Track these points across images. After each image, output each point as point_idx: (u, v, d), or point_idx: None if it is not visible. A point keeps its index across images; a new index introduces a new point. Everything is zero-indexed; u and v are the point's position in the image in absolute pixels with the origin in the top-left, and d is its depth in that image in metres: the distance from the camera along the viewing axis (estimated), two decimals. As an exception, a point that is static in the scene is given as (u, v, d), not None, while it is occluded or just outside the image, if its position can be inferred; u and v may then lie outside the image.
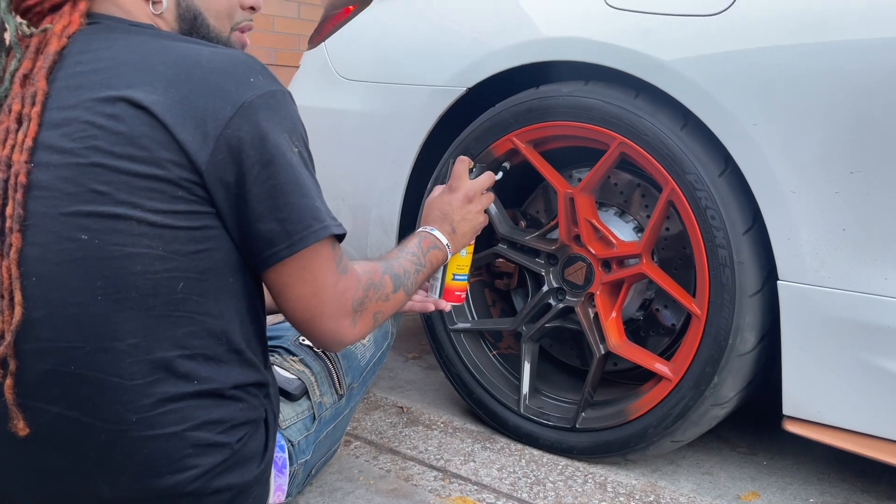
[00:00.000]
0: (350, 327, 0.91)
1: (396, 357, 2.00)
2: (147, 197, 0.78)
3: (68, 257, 0.78)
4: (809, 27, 1.10)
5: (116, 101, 0.79)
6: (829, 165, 1.09)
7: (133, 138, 0.78)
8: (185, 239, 0.80)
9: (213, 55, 0.83)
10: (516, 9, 1.44)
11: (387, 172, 1.62)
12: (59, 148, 0.79)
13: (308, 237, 0.84)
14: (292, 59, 4.77)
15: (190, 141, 0.79)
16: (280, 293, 0.88)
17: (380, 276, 0.97)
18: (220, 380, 0.86)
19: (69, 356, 0.80)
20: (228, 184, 0.81)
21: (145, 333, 0.80)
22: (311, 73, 1.84)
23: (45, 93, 0.82)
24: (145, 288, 0.79)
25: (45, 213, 0.79)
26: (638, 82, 1.26)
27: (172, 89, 0.79)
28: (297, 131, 0.86)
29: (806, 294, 1.13)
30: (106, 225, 0.78)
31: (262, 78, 0.84)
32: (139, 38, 0.86)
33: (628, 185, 1.47)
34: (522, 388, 1.49)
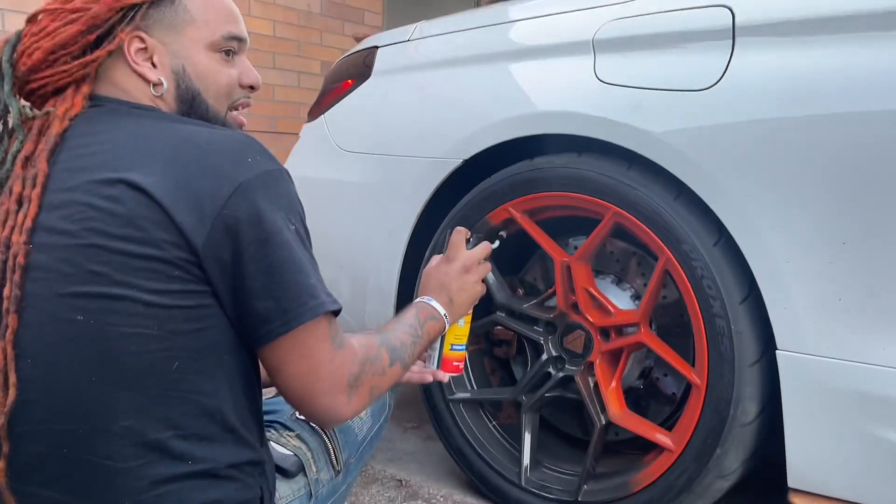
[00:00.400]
0: (346, 403, 0.90)
1: (395, 427, 1.97)
2: (144, 277, 0.78)
3: (63, 338, 0.78)
4: (797, 101, 1.13)
5: (115, 183, 0.80)
6: (821, 236, 1.10)
7: (131, 219, 0.79)
8: (181, 318, 0.80)
9: (212, 136, 0.85)
10: (511, 83, 1.48)
11: (385, 241, 1.63)
12: (58, 229, 0.80)
13: (303, 314, 0.84)
14: (293, 126, 4.86)
15: (187, 222, 0.79)
16: (276, 370, 0.87)
17: (376, 349, 0.96)
18: (214, 459, 0.85)
19: (62, 439, 0.79)
20: (225, 262, 0.81)
21: (139, 414, 0.80)
22: (310, 144, 1.88)
23: (46, 174, 0.83)
24: (140, 368, 0.79)
25: (41, 295, 0.79)
26: (630, 154, 1.29)
27: (171, 171, 0.80)
28: (294, 209, 0.87)
29: (805, 364, 1.13)
30: (102, 305, 0.78)
31: (260, 158, 0.85)
32: (140, 121, 0.87)
33: (624, 254, 1.49)
34: (523, 460, 1.47)
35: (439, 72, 1.62)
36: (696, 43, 1.24)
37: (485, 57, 1.54)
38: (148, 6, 0.90)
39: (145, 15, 0.90)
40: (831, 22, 1.12)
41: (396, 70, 1.72)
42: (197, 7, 0.94)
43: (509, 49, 1.52)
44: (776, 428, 1.21)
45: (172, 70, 0.93)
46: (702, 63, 1.22)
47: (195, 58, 0.94)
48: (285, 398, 0.90)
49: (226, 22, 0.96)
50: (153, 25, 0.91)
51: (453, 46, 1.62)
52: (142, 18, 0.90)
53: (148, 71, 0.91)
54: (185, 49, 0.93)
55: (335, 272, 1.73)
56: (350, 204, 1.72)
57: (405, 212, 1.59)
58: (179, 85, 0.93)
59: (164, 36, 0.92)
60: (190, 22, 0.93)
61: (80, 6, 0.88)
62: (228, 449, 0.86)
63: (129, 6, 0.89)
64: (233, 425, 0.86)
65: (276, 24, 4.85)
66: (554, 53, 1.43)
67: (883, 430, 1.08)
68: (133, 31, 0.90)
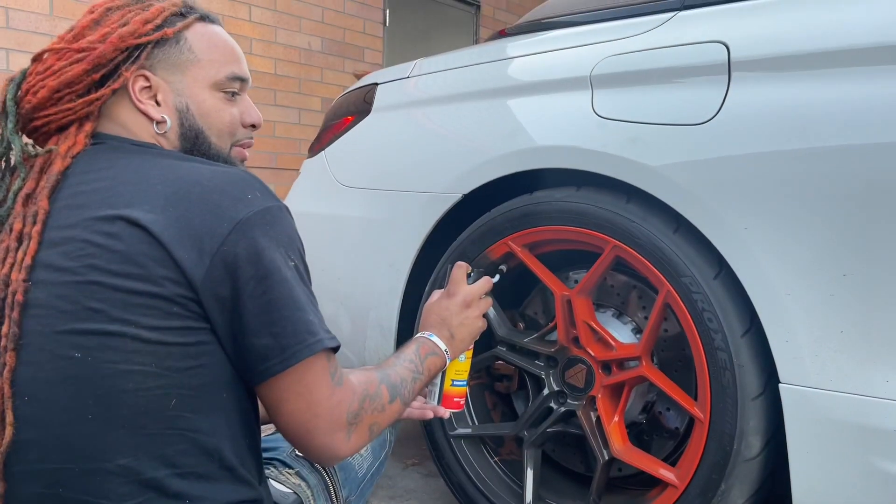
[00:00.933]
0: (345, 441, 0.89)
1: (395, 464, 1.95)
2: (142, 314, 0.78)
3: (60, 376, 0.78)
4: (793, 134, 1.14)
5: (115, 220, 0.80)
6: (821, 268, 1.10)
7: (130, 256, 0.79)
8: (179, 355, 0.80)
9: (213, 174, 0.85)
10: (510, 119, 1.50)
11: (385, 276, 1.63)
12: (58, 266, 0.80)
13: (301, 351, 0.83)
14: (293, 162, 4.90)
15: (186, 258, 0.79)
16: (274, 407, 0.87)
17: (375, 386, 0.96)
18: (212, 498, 0.84)
19: (58, 478, 0.78)
20: (224, 299, 0.81)
21: (136, 452, 0.79)
22: (311, 180, 1.89)
23: (46, 212, 0.83)
24: (137, 406, 0.79)
25: (39, 332, 0.79)
26: (629, 188, 1.30)
27: (171, 208, 0.81)
28: (294, 245, 0.87)
29: (808, 397, 1.12)
30: (99, 342, 0.78)
31: (260, 195, 0.85)
32: (141, 158, 0.88)
33: (625, 287, 1.48)
34: (526, 497, 1.45)
35: (439, 107, 1.64)
36: (692, 78, 1.25)
37: (484, 93, 1.56)
38: (153, 46, 0.92)
39: (150, 54, 0.92)
40: (825, 56, 1.13)
41: (396, 106, 1.74)
42: (201, 47, 0.95)
43: (508, 85, 1.54)
44: (781, 462, 1.20)
45: (176, 108, 0.94)
46: (698, 98, 1.23)
47: (199, 97, 0.95)
48: (284, 436, 0.90)
49: (229, 62, 0.97)
50: (157, 65, 0.92)
51: (452, 82, 1.64)
52: (146, 58, 0.92)
53: (151, 109, 0.92)
54: (189, 88, 0.94)
55: (335, 307, 1.72)
56: (350, 239, 1.73)
57: (405, 246, 1.60)
58: (183, 123, 0.95)
59: (169, 75, 0.93)
60: (194, 62, 0.94)
61: (86, 46, 0.89)
62: (226, 487, 0.85)
63: (134, 46, 0.90)
64: (231, 464, 0.85)
65: (276, 61, 4.92)
66: (552, 89, 1.45)
67: (887, 464, 1.07)
68: (138, 69, 0.91)
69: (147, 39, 0.91)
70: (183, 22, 0.94)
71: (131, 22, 0.91)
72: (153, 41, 0.91)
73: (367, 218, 1.69)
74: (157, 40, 0.92)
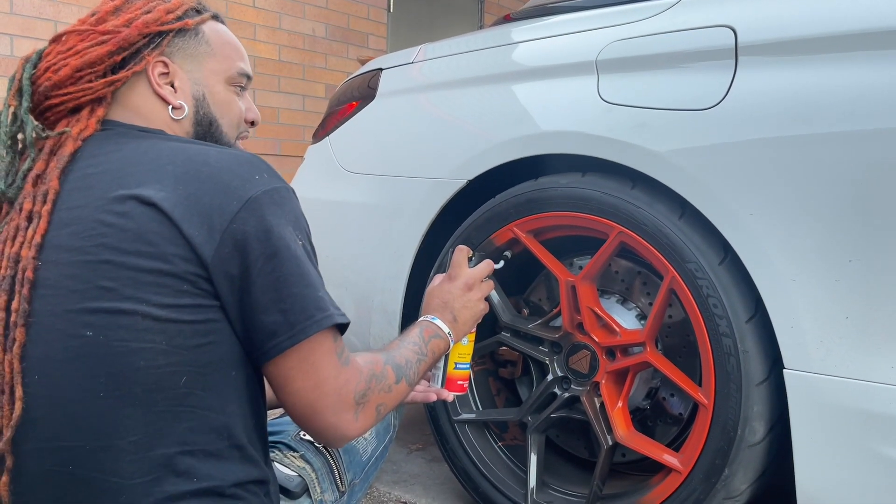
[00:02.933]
0: (352, 421, 0.90)
1: (400, 449, 1.96)
2: (153, 291, 0.79)
3: (72, 354, 0.79)
4: (800, 119, 1.13)
5: (126, 200, 0.82)
6: (827, 254, 1.10)
7: (141, 234, 0.80)
8: (189, 333, 0.81)
9: (221, 154, 0.87)
10: (515, 104, 1.49)
11: (389, 262, 1.64)
12: (68, 247, 0.81)
13: (310, 327, 0.84)
14: (297, 149, 4.90)
15: (196, 235, 0.80)
16: (281, 386, 0.87)
17: (381, 366, 0.96)
18: (220, 477, 0.84)
19: (69, 456, 0.79)
20: (233, 276, 0.82)
21: (146, 430, 0.80)
22: (315, 166, 1.89)
23: (57, 192, 0.85)
24: (148, 383, 0.80)
25: (50, 312, 0.80)
26: (634, 173, 1.29)
27: (181, 186, 0.82)
28: (301, 225, 0.88)
29: (813, 383, 1.12)
30: (110, 321, 0.79)
31: (268, 176, 0.87)
32: (149, 142, 0.90)
33: (629, 273, 1.48)
34: (529, 482, 1.46)
35: (443, 93, 1.64)
36: (699, 63, 1.25)
37: (489, 78, 1.55)
38: (174, 35, 0.96)
39: (170, 42, 0.95)
40: (833, 41, 1.12)
41: (401, 92, 1.73)
42: (216, 42, 1.00)
43: (513, 70, 1.53)
44: (785, 448, 1.20)
45: (193, 96, 0.98)
46: (705, 83, 1.22)
47: (214, 87, 0.99)
48: (290, 415, 0.90)
49: (240, 59, 1.03)
50: (176, 53, 0.96)
51: (457, 68, 1.63)
52: (167, 45, 0.95)
53: (169, 94, 0.96)
54: (206, 78, 0.99)
55: (340, 293, 1.73)
56: (354, 225, 1.73)
57: (410, 232, 1.60)
58: (198, 111, 0.98)
59: (186, 64, 0.97)
60: (210, 54, 0.99)
61: (111, 29, 0.92)
62: (234, 466, 0.86)
63: (157, 33, 0.94)
64: (240, 442, 0.86)
65: (281, 48, 4.91)
66: (557, 74, 1.44)
67: (892, 450, 1.07)
68: (158, 55, 0.94)
69: (169, 28, 0.95)
70: (200, 16, 0.99)
71: (155, 10, 0.94)
72: (175, 30, 0.95)
73: (371, 204, 1.69)
74: (178, 30, 0.96)
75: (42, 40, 3.42)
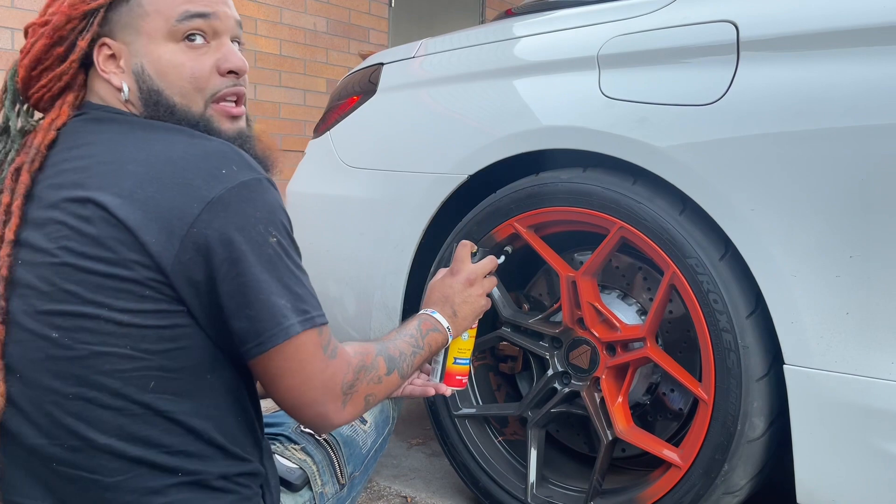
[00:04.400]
0: (339, 410, 0.88)
1: (400, 443, 1.96)
2: (114, 297, 0.78)
3: (43, 355, 0.79)
4: (802, 115, 1.13)
5: (86, 203, 0.79)
6: (828, 249, 1.10)
7: (100, 240, 0.78)
8: (154, 338, 0.79)
9: (187, 148, 0.82)
10: (516, 99, 1.49)
11: (390, 257, 1.63)
12: (38, 247, 0.80)
13: (277, 335, 0.81)
14: (298, 144, 4.89)
15: (154, 242, 0.77)
16: (269, 383, 0.86)
17: (372, 357, 0.94)
18: (205, 471, 0.84)
19: (50, 453, 0.80)
20: (198, 283, 0.79)
21: (119, 432, 0.80)
22: (316, 160, 1.89)
23: (27, 186, 0.83)
24: (115, 387, 0.79)
25: (24, 311, 0.80)
26: (636, 168, 1.29)
27: (139, 190, 0.79)
28: (274, 219, 0.82)
29: (813, 378, 1.12)
30: (75, 324, 0.78)
31: (236, 168, 0.81)
32: (119, 132, 0.86)
33: (630, 268, 1.48)
34: (529, 477, 1.46)
35: (444, 88, 1.63)
36: (700, 58, 1.24)
37: (490, 73, 1.55)
38: (105, 10, 0.87)
39: (103, 20, 0.87)
40: (835, 36, 1.12)
41: (402, 86, 1.73)
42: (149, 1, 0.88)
43: (514, 65, 1.53)
44: (785, 444, 1.20)
45: (133, 72, 0.88)
46: (706, 78, 1.22)
47: (154, 53, 0.87)
48: (280, 407, 0.89)
49: (181, 3, 0.88)
50: (115, 29, 0.88)
51: (458, 63, 1.63)
52: (99, 24, 0.87)
53: (113, 77, 0.88)
54: (144, 46, 0.87)
55: (340, 288, 1.73)
56: (355, 220, 1.73)
57: (410, 227, 1.59)
58: (141, 87, 0.88)
59: (126, 36, 0.88)
60: (144, 15, 0.87)
61: (45, 20, 0.88)
62: (218, 462, 0.86)
63: (83, 13, 0.86)
64: (219, 442, 0.86)
65: (282, 42, 4.90)
66: (559, 69, 1.44)
67: (891, 445, 1.07)
68: (96, 37, 0.88)
69: (98, 4, 0.86)
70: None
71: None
72: (104, 4, 0.86)
73: (372, 199, 1.69)
74: (108, 4, 0.87)
75: (43, 34, 3.43)
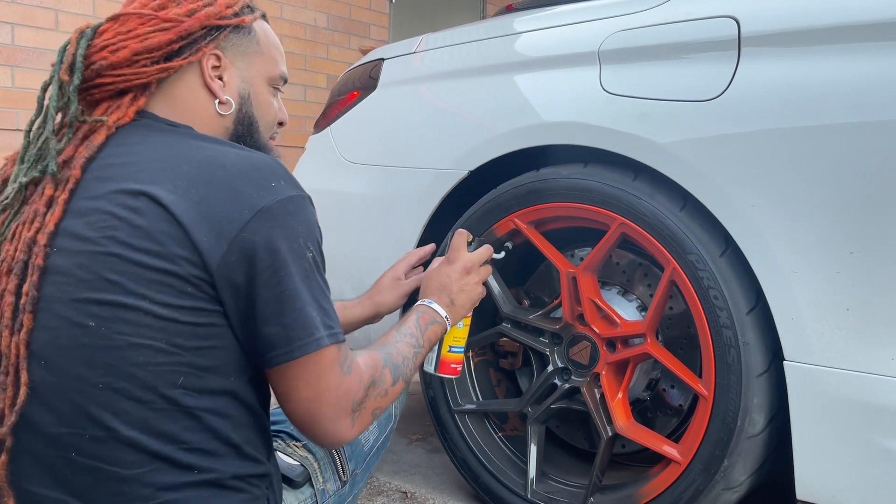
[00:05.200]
0: (349, 428, 0.91)
1: (400, 439, 1.97)
2: (156, 290, 0.80)
3: (75, 342, 0.80)
4: (803, 111, 1.13)
5: (138, 195, 0.82)
6: (829, 246, 1.10)
7: (150, 232, 0.80)
8: (189, 334, 0.81)
9: (238, 158, 0.86)
10: (517, 94, 1.49)
11: (390, 253, 1.63)
12: (80, 236, 0.82)
13: (308, 345, 0.85)
14: (298, 140, 4.89)
15: (204, 241, 0.80)
16: (283, 394, 0.89)
17: (380, 370, 0.97)
18: (219, 470, 0.85)
19: (71, 443, 0.80)
20: (238, 285, 0.82)
21: (143, 426, 0.81)
22: (316, 156, 1.89)
23: (77, 181, 0.85)
24: (145, 380, 0.80)
25: (58, 298, 0.81)
26: (636, 164, 1.29)
27: (193, 189, 0.82)
28: (313, 236, 0.88)
29: (813, 374, 1.12)
30: (113, 313, 0.79)
31: (284, 183, 0.86)
32: (172, 137, 0.90)
33: (630, 265, 1.48)
34: (529, 472, 1.46)
35: (445, 83, 1.63)
36: (701, 53, 1.24)
37: (490, 68, 1.55)
38: (230, 30, 0.96)
39: (226, 37, 0.96)
40: (837, 32, 1.12)
41: (402, 82, 1.73)
42: (265, 42, 1.01)
43: (515, 60, 1.52)
44: (785, 440, 1.20)
45: (239, 93, 0.98)
46: (707, 73, 1.22)
47: (258, 87, 1.00)
48: (290, 420, 0.92)
49: (282, 62, 1.04)
50: (229, 48, 0.97)
51: (459, 58, 1.63)
52: (223, 39, 0.96)
53: (219, 88, 0.96)
54: (252, 77, 0.99)
55: (340, 284, 1.73)
56: (356, 215, 1.73)
57: (411, 223, 1.59)
58: (241, 108, 0.99)
59: (237, 60, 0.98)
60: (259, 53, 1.00)
61: (173, 17, 0.92)
62: (232, 462, 0.87)
63: (216, 26, 0.95)
64: (235, 442, 0.87)
65: (282, 38, 4.88)
66: (560, 64, 1.44)
67: (891, 442, 1.07)
68: (213, 48, 0.95)
69: (227, 23, 0.95)
70: (253, 14, 1.00)
71: (216, 4, 0.95)
72: (232, 25, 0.96)
73: (372, 194, 1.69)
74: (234, 25, 0.96)
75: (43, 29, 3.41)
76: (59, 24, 3.46)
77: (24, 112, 3.35)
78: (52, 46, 3.39)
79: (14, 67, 3.29)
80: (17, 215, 0.86)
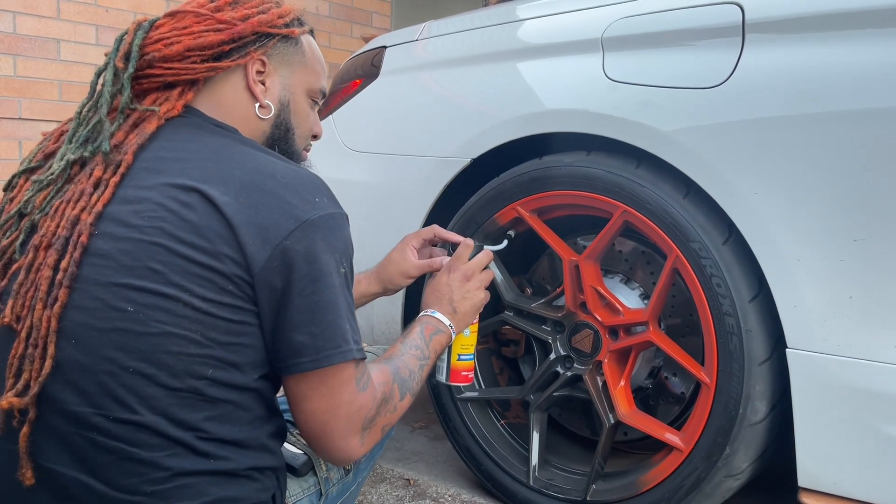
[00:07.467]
0: (358, 445, 0.93)
1: (403, 427, 1.97)
2: (198, 284, 0.82)
3: (110, 326, 0.81)
4: (807, 98, 1.12)
5: (191, 191, 0.84)
6: (832, 233, 1.09)
7: (199, 228, 0.83)
8: (223, 329, 0.84)
9: (287, 170, 0.90)
10: (519, 82, 1.48)
11: (392, 241, 1.62)
12: (126, 223, 0.84)
13: (334, 356, 0.88)
14: (301, 128, 4.88)
15: (250, 244, 0.83)
16: (297, 403, 0.91)
17: (390, 387, 0.99)
18: (236, 460, 0.87)
19: (94, 422, 0.81)
20: (275, 289, 0.85)
21: (167, 413, 0.82)
22: (318, 144, 1.88)
23: (129, 165, 0.87)
24: (176, 369, 0.82)
25: (97, 281, 0.82)
26: (639, 152, 1.29)
27: (244, 194, 0.85)
28: (347, 253, 0.92)
29: (815, 362, 1.12)
30: (152, 301, 0.81)
31: (327, 200, 0.90)
32: (223, 140, 0.92)
33: (633, 253, 1.48)
34: (532, 460, 1.47)
35: (447, 71, 1.63)
36: (705, 40, 1.23)
37: (493, 56, 1.54)
38: (279, 39, 1.00)
39: (274, 45, 0.99)
40: (841, 18, 1.11)
41: (404, 70, 1.72)
42: (309, 55, 1.05)
43: (517, 48, 1.52)
44: (787, 427, 1.20)
45: (279, 99, 1.01)
46: (711, 60, 1.21)
47: (297, 97, 1.04)
48: (301, 431, 0.93)
49: (323, 77, 1.07)
50: (275, 56, 1.00)
51: (461, 45, 1.62)
52: (271, 46, 0.99)
53: (260, 92, 0.99)
54: (293, 86, 1.03)
55: (343, 272, 1.73)
56: (358, 204, 1.72)
57: (413, 211, 1.59)
58: (280, 115, 1.02)
59: (281, 68, 1.01)
60: (302, 64, 1.03)
61: (228, 19, 0.95)
62: (250, 454, 0.89)
63: (267, 33, 0.98)
64: (254, 435, 0.89)
65: (284, 26, 4.86)
66: (562, 52, 1.43)
67: (893, 429, 1.07)
68: (261, 54, 0.98)
69: (278, 32, 0.99)
70: (302, 28, 1.04)
71: (269, 12, 0.99)
72: (281, 35, 1.00)
73: (374, 183, 1.69)
74: (284, 35, 1.00)
75: (45, 17, 3.40)
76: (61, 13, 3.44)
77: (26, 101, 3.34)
78: (53, 35, 3.38)
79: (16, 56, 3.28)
80: (59, 192, 0.88)
